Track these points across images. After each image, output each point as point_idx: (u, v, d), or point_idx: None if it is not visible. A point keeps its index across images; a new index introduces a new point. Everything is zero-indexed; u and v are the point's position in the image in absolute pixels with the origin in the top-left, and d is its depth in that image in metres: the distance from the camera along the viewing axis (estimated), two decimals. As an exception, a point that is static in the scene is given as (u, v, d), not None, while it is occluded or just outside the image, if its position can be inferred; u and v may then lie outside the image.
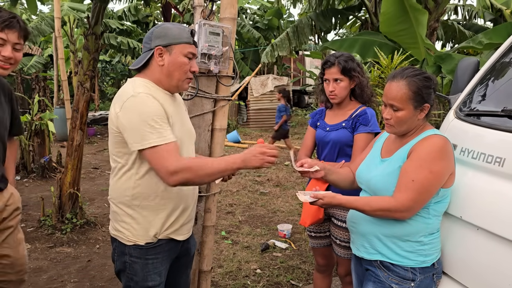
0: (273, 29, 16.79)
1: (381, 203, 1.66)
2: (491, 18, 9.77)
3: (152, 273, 1.79)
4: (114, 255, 1.85)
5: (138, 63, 1.77)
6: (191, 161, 1.66)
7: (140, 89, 1.68)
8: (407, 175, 1.63)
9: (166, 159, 1.60)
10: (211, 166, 1.66)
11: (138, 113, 1.62)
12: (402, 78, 1.68)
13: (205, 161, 1.70)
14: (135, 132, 1.62)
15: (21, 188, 6.25)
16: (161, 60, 1.73)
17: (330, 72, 2.31)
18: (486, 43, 5.16)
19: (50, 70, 15.47)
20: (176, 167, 1.60)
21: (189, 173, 1.62)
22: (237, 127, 12.90)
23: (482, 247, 1.61)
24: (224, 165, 1.68)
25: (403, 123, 1.71)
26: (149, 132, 1.60)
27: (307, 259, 3.83)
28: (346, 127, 2.32)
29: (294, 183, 6.74)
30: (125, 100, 1.65)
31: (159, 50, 1.72)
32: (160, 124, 1.63)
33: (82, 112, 4.48)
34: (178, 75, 1.74)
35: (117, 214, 1.80)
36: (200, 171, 1.63)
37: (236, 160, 1.69)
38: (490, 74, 2.03)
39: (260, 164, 1.69)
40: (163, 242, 1.80)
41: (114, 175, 1.78)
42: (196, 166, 1.63)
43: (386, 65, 3.30)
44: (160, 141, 1.61)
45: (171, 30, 1.73)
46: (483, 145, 1.73)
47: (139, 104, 1.63)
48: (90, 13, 4.45)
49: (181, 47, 1.73)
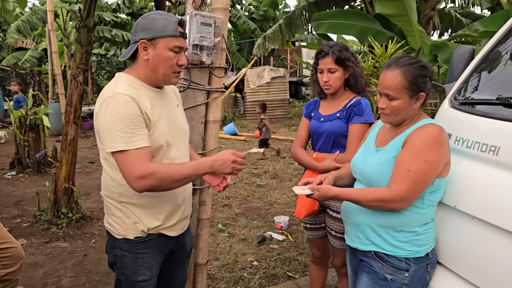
0: (269, 20, 16.69)
1: (376, 194, 1.65)
2: (488, 6, 9.73)
3: (141, 268, 1.77)
4: (107, 247, 1.86)
5: (125, 55, 1.72)
6: (157, 167, 1.60)
7: (120, 88, 1.63)
8: (402, 165, 1.61)
9: (133, 164, 1.57)
10: (177, 172, 1.63)
11: (111, 114, 1.58)
12: (397, 67, 1.66)
13: (172, 167, 1.65)
14: (107, 134, 1.60)
15: (17, 183, 6.23)
16: (145, 54, 1.67)
17: (324, 62, 2.28)
18: (482, 31, 5.15)
19: (45, 64, 15.35)
20: (141, 173, 1.56)
21: (154, 179, 1.58)
22: (234, 119, 12.87)
23: (477, 237, 1.60)
24: (191, 170, 1.66)
25: (398, 112, 1.69)
26: (119, 135, 1.57)
27: (304, 251, 3.83)
28: (341, 117, 2.30)
29: (291, 175, 6.74)
30: (103, 100, 1.62)
31: (143, 44, 1.65)
32: (132, 127, 1.58)
33: (76, 106, 4.44)
34: (163, 70, 1.68)
35: (108, 208, 1.80)
36: (166, 178, 1.60)
37: (204, 165, 1.67)
38: (485, 63, 2.00)
39: (229, 172, 1.68)
40: (153, 237, 1.78)
41: (104, 170, 1.77)
42: (162, 172, 1.59)
43: (381, 54, 3.27)
44: (128, 146, 1.57)
45: (156, 22, 1.65)
46: (477, 134, 1.71)
47: (114, 105, 1.59)
48: (82, 6, 4.39)
49: (166, 41, 1.65)
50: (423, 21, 6.55)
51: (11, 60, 14.05)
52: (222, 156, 1.68)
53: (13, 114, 6.76)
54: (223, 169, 1.68)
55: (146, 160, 1.60)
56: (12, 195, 5.67)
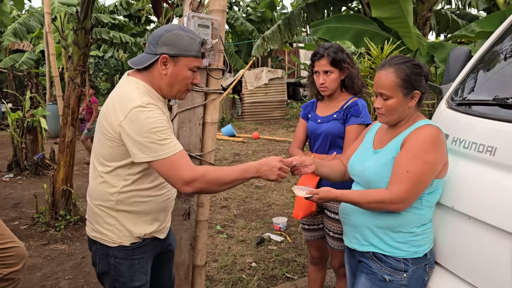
0: (267, 21, 16.71)
1: (376, 196, 1.64)
2: (484, 7, 9.77)
3: (138, 273, 1.76)
4: (95, 258, 1.78)
5: (139, 64, 1.67)
6: (204, 170, 1.62)
7: (146, 98, 1.61)
8: (401, 166, 1.62)
9: (180, 168, 1.57)
10: (225, 175, 1.64)
11: (144, 124, 1.55)
12: (391, 66, 1.67)
13: (220, 170, 1.66)
14: (142, 145, 1.56)
15: (14, 185, 6.22)
16: (164, 69, 1.64)
17: (319, 64, 2.29)
18: (478, 31, 5.17)
19: (42, 66, 15.33)
20: (190, 176, 1.57)
21: (204, 182, 1.59)
22: (232, 121, 12.88)
23: (474, 237, 1.61)
24: (237, 174, 1.65)
25: (393, 111, 1.69)
26: (159, 144, 1.55)
27: (302, 252, 3.84)
28: (338, 118, 2.31)
29: (289, 176, 6.74)
30: (130, 109, 1.56)
31: (164, 59, 1.62)
32: (168, 134, 1.58)
33: (73, 108, 4.44)
34: (178, 87, 1.68)
35: (98, 216, 1.73)
36: (215, 181, 1.61)
37: (251, 169, 1.66)
38: (481, 63, 2.01)
39: (274, 178, 1.68)
40: (148, 241, 1.78)
41: (98, 177, 1.71)
42: (210, 175, 1.61)
43: (377, 55, 3.28)
44: (172, 151, 1.57)
45: (182, 40, 1.62)
46: (474, 134, 1.72)
47: (146, 115, 1.56)
48: (79, 8, 4.39)
49: (188, 61, 1.64)
50: (420, 22, 6.57)
51: (8, 62, 14.02)
52: (269, 161, 1.68)
53: (10, 116, 6.74)
54: (269, 175, 1.67)
55: (190, 163, 1.61)
56: (10, 197, 5.66)
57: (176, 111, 2.24)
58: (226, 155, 8.33)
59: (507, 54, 1.92)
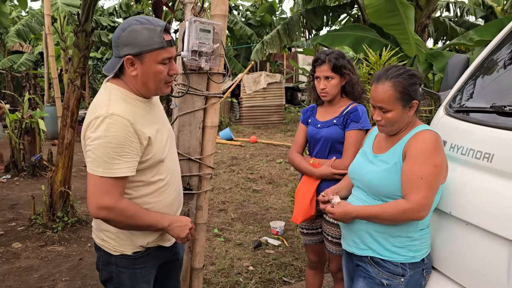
0: (266, 26, 16.77)
1: (397, 207, 1.64)
2: (482, 15, 9.85)
3: (140, 282, 1.72)
4: (99, 264, 1.75)
5: (111, 70, 1.57)
6: (127, 206, 1.55)
7: (116, 107, 1.51)
8: (413, 174, 1.63)
9: (105, 193, 1.50)
10: (142, 217, 1.59)
11: (100, 136, 1.48)
12: (387, 79, 1.69)
13: (139, 210, 1.60)
14: (92, 154, 1.51)
15: (12, 186, 6.20)
16: (133, 70, 1.54)
17: (320, 69, 2.31)
18: (476, 39, 5.22)
19: (41, 67, 15.32)
20: (109, 204, 1.51)
21: (119, 215, 1.53)
22: (230, 125, 12.89)
23: (471, 242, 1.63)
24: (153, 221, 1.63)
25: (394, 123, 1.72)
26: (103, 160, 1.48)
27: (299, 256, 3.84)
28: (337, 124, 2.33)
29: (287, 180, 6.75)
30: (97, 116, 1.50)
31: (129, 60, 1.52)
32: (120, 154, 1.49)
33: (73, 110, 4.45)
34: (153, 84, 1.58)
35: (101, 223, 1.68)
36: (130, 218, 1.56)
37: (165, 221, 1.65)
38: (480, 71, 2.04)
39: (183, 236, 1.70)
40: (151, 250, 1.73)
41: None
42: (129, 211, 1.55)
43: (375, 62, 3.31)
44: (108, 173, 1.49)
45: (139, 35, 1.50)
46: (472, 141, 1.74)
47: (107, 127, 1.48)
48: (80, 10, 4.41)
49: (153, 55, 1.52)
50: (418, 29, 6.62)
51: (6, 63, 14.01)
52: (183, 220, 1.72)
53: (8, 117, 6.74)
54: (179, 232, 1.69)
55: (119, 194, 1.53)
56: (7, 198, 5.65)
57: (176, 115, 2.26)
58: (224, 159, 8.34)
59: (505, 62, 1.95)
